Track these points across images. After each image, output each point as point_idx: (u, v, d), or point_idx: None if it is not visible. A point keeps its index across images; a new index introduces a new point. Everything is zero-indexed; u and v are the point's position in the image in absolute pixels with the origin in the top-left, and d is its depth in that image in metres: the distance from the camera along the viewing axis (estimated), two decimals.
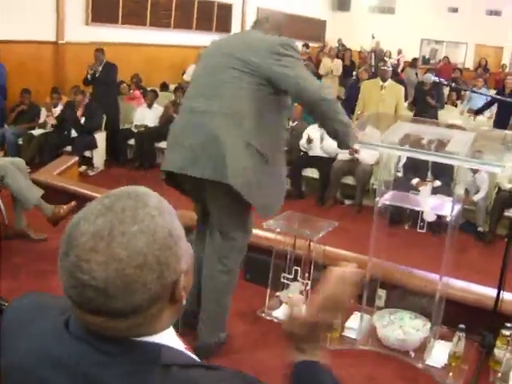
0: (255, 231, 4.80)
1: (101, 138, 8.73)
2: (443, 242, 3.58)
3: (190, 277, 1.15)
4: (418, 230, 3.95)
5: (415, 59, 15.67)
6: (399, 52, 17.97)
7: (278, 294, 4.31)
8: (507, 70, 15.91)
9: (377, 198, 3.72)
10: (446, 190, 3.68)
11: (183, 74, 11.79)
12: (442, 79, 4.08)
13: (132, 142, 9.20)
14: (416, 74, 14.09)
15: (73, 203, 5.23)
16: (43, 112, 9.09)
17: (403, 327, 3.87)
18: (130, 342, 1.07)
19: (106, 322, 1.04)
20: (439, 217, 3.71)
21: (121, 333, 1.06)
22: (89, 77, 9.22)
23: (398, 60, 17.79)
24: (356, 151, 7.27)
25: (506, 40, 18.63)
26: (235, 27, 15.40)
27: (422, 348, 3.77)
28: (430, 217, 3.66)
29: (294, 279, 4.19)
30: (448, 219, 3.50)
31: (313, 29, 18.82)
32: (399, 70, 15.57)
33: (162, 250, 1.04)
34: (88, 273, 1.00)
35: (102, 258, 1.00)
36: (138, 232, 1.03)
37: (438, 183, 6.50)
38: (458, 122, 7.67)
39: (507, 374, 3.61)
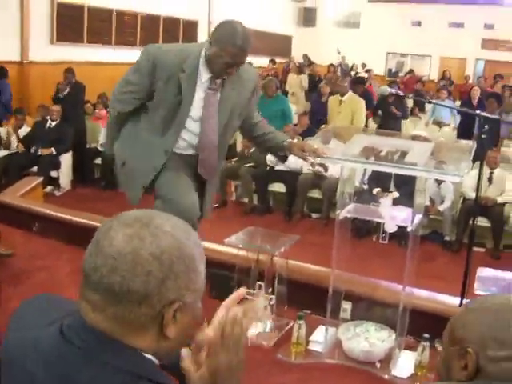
0: (218, 247, 4.81)
1: (67, 157, 8.65)
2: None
3: (189, 322, 1.16)
4: (380, 242, 3.96)
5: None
6: (363, 66, 18.11)
7: None
8: (470, 81, 16.10)
9: (337, 211, 3.72)
10: (407, 200, 3.71)
11: None
12: (399, 92, 4.13)
13: (99, 161, 9.14)
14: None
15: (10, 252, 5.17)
16: (5, 132, 8.98)
17: (368, 339, 3.86)
18: (123, 347, 1.08)
19: (101, 303, 1.07)
20: (401, 227, 3.72)
21: (108, 331, 1.07)
22: (60, 95, 9.19)
23: (369, 73, 17.97)
24: (325, 169, 7.34)
25: (468, 52, 18.92)
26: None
27: (388, 359, 3.76)
28: (390, 228, 3.68)
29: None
30: (409, 229, 3.52)
31: (279, 44, 18.93)
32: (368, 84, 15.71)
33: (179, 262, 1.10)
34: (110, 239, 1.08)
35: (130, 232, 1.08)
36: (170, 234, 1.11)
37: (396, 194, 6.56)
38: (423, 133, 7.74)
39: None
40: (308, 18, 20.67)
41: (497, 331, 1.28)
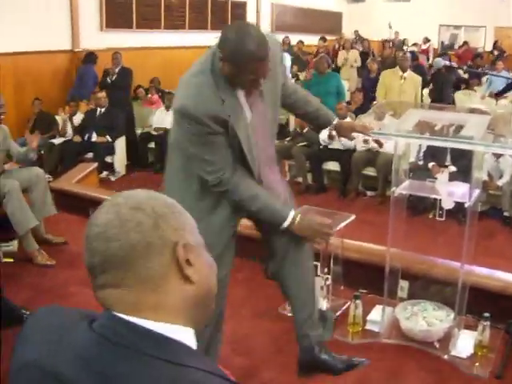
0: None
1: (120, 142, 8.76)
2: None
3: (206, 268, 1.16)
4: (437, 219, 3.88)
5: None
6: (425, 40, 17.73)
7: None
8: None
9: (393, 188, 3.65)
10: (464, 176, 3.61)
11: None
12: (453, 63, 4.01)
13: (152, 145, 9.23)
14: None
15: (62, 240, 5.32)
16: (61, 120, 9.15)
17: (426, 318, 3.80)
18: (150, 335, 1.05)
19: (116, 279, 1.07)
20: (459, 204, 3.62)
21: (133, 307, 1.06)
22: (108, 80, 9.28)
23: (428, 48, 17.60)
24: (380, 145, 7.23)
25: None
26: None
27: (447, 339, 3.70)
28: (448, 204, 3.60)
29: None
30: (466, 205, 3.42)
31: (329, 21, 18.70)
32: (431, 59, 15.37)
33: (160, 206, 1.11)
34: (95, 223, 1.09)
35: (106, 208, 1.10)
36: (142, 193, 1.14)
37: (453, 168, 6.41)
38: (481, 106, 7.55)
39: None
40: None
41: None
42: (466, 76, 12.13)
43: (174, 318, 1.09)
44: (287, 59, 11.79)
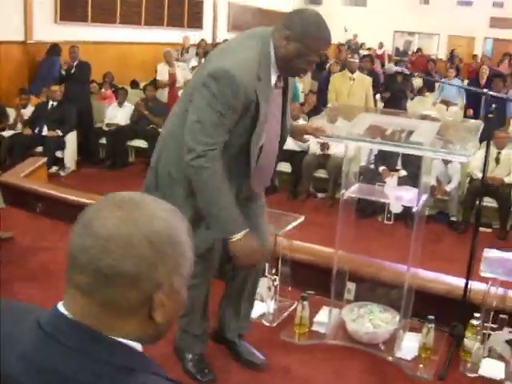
0: None
1: (71, 137, 8.62)
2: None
3: (176, 308, 1.13)
4: (385, 222, 3.94)
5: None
6: (380, 46, 17.94)
7: None
8: (479, 60, 15.94)
9: (342, 191, 3.68)
10: (413, 180, 3.66)
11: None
12: (406, 70, 4.06)
13: (104, 141, 9.11)
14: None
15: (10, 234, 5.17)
16: (11, 113, 8.96)
17: (372, 320, 3.84)
18: (110, 341, 1.06)
19: (89, 287, 1.04)
20: (407, 208, 3.67)
21: (90, 317, 1.05)
22: (63, 72, 9.13)
23: (383, 53, 17.80)
24: (327, 147, 7.29)
25: (477, 30, 18.73)
26: (207, 23, 15.32)
27: (392, 341, 3.74)
28: (396, 208, 3.65)
29: (262, 275, 4.15)
30: (414, 210, 3.47)
31: None
32: (386, 63, 15.53)
33: (170, 246, 1.08)
34: (101, 220, 1.05)
35: (122, 215, 1.05)
36: (162, 219, 1.08)
37: (403, 173, 6.51)
38: (432, 113, 7.68)
39: (477, 364, 3.60)
40: None
41: None
42: (421, 83, 12.31)
43: (123, 337, 1.08)
44: None
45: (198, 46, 12.91)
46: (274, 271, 4.08)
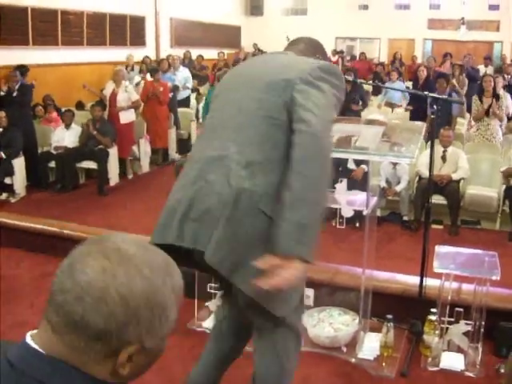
0: None
1: (19, 162, 8.49)
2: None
3: (145, 363, 1.13)
4: (338, 227, 4.00)
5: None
6: (334, 53, 18.03)
7: (206, 304, 4.29)
8: (418, 61, 16.26)
9: None
10: (363, 183, 3.76)
11: (102, 90, 11.60)
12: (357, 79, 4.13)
13: (52, 164, 8.99)
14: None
15: None
16: None
17: (333, 324, 3.90)
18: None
19: (59, 327, 1.03)
20: (358, 211, 3.74)
21: (65, 355, 1.04)
22: (1, 93, 8.94)
23: (337, 60, 17.94)
24: None
25: (416, 32, 19.14)
26: (150, 41, 15.29)
27: (354, 342, 3.81)
28: (347, 212, 3.70)
29: (221, 288, 4.17)
30: (364, 213, 3.54)
31: (228, 35, 18.88)
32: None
33: (146, 309, 1.06)
34: (84, 265, 1.03)
35: (106, 265, 1.03)
36: (146, 278, 1.06)
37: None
38: (379, 116, 7.82)
39: (437, 358, 3.70)
40: (255, 6, 20.62)
41: None
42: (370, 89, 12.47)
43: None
44: (184, 72, 11.80)
45: (142, 62, 12.88)
46: None
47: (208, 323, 4.14)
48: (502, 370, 3.48)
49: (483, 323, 3.67)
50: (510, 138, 8.66)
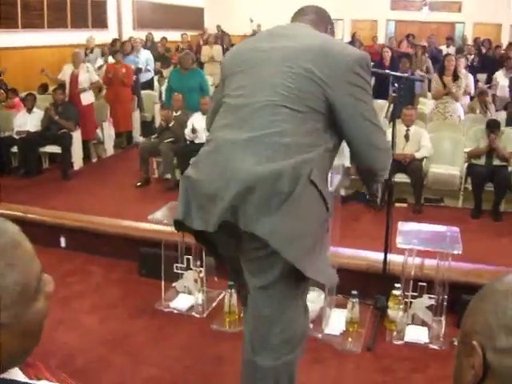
0: (143, 225, 4.79)
1: None
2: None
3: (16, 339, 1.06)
4: None
5: None
6: None
7: (174, 284, 4.30)
8: (380, 42, 16.33)
9: None
10: None
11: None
12: None
13: (15, 149, 8.87)
14: None
15: None
16: None
17: None
18: None
19: None
20: None
21: None
22: None
23: None
24: None
25: (379, 13, 19.23)
26: (112, 23, 15.11)
27: (320, 318, 3.86)
28: None
29: (188, 268, 4.19)
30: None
31: (191, 17, 18.74)
32: None
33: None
34: None
35: None
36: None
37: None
38: None
39: (402, 332, 3.77)
40: None
41: (506, 316, 0.99)
42: None
43: None
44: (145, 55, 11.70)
45: (112, 45, 12.64)
46: (198, 263, 4.12)
47: (175, 303, 4.15)
48: (455, 343, 3.56)
49: (446, 297, 3.75)
50: (471, 116, 8.77)
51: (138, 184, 7.55)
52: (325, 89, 2.25)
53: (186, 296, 4.21)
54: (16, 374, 1.08)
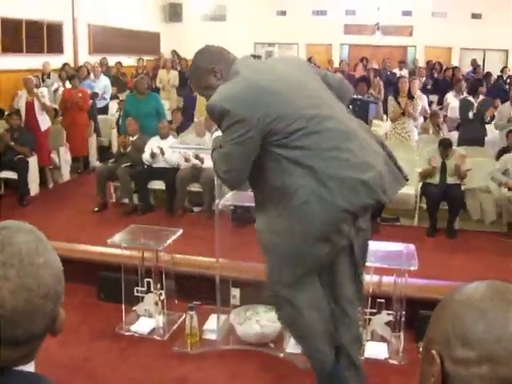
0: (101, 249, 4.77)
1: None
2: None
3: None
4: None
5: None
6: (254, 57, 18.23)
7: (134, 308, 4.28)
8: (335, 66, 16.58)
9: (216, 200, 3.79)
10: None
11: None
12: None
13: None
14: None
15: None
16: None
17: (260, 321, 3.97)
18: (12, 373, 1.08)
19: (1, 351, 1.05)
20: None
21: (7, 363, 1.07)
22: None
23: None
24: (201, 161, 7.36)
25: (333, 37, 19.55)
26: (68, 47, 15.03)
27: (281, 338, 3.89)
28: None
29: (148, 291, 4.19)
30: None
31: (147, 42, 18.74)
32: None
33: (60, 284, 1.11)
34: None
35: (13, 287, 1.03)
36: (44, 264, 1.08)
37: None
38: None
39: (362, 348, 3.80)
40: (174, 13, 20.52)
41: (463, 327, 1.03)
42: None
43: None
44: (104, 81, 11.71)
45: (62, 70, 12.62)
46: (158, 286, 4.12)
47: (136, 327, 4.14)
48: (421, 349, 3.62)
49: (404, 313, 3.82)
50: (425, 137, 8.95)
51: (96, 209, 7.48)
52: None
53: (147, 319, 4.20)
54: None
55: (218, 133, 2.97)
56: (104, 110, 11.45)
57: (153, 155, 7.40)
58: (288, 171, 2.68)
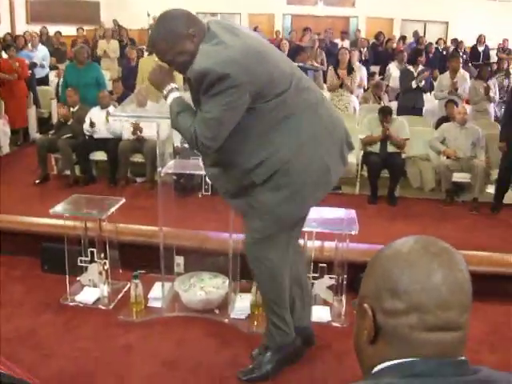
0: (44, 220, 4.72)
1: None
2: None
3: None
4: (204, 194, 4.11)
5: None
6: None
7: (78, 278, 4.27)
8: (281, 36, 16.57)
9: (159, 169, 3.78)
10: None
11: None
12: None
13: None
14: None
15: None
16: None
17: (204, 288, 4.02)
18: None
19: None
20: None
21: None
22: None
23: None
24: (140, 131, 7.30)
25: (275, 7, 19.51)
26: (4, 17, 14.60)
27: (225, 304, 3.94)
28: None
29: (92, 261, 4.17)
30: None
31: (87, 11, 18.31)
32: None
33: None
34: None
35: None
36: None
37: None
38: None
39: None
40: None
41: (391, 279, 1.09)
42: None
43: None
44: (42, 50, 11.45)
45: (4, 39, 12.21)
46: (102, 255, 4.11)
47: (81, 297, 4.13)
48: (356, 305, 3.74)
49: (345, 276, 3.91)
50: (365, 106, 9.08)
51: (37, 181, 7.38)
52: None
53: (92, 289, 4.19)
54: None
55: (175, 95, 2.93)
56: (43, 81, 11.20)
57: (92, 124, 7.31)
58: (273, 129, 2.86)
